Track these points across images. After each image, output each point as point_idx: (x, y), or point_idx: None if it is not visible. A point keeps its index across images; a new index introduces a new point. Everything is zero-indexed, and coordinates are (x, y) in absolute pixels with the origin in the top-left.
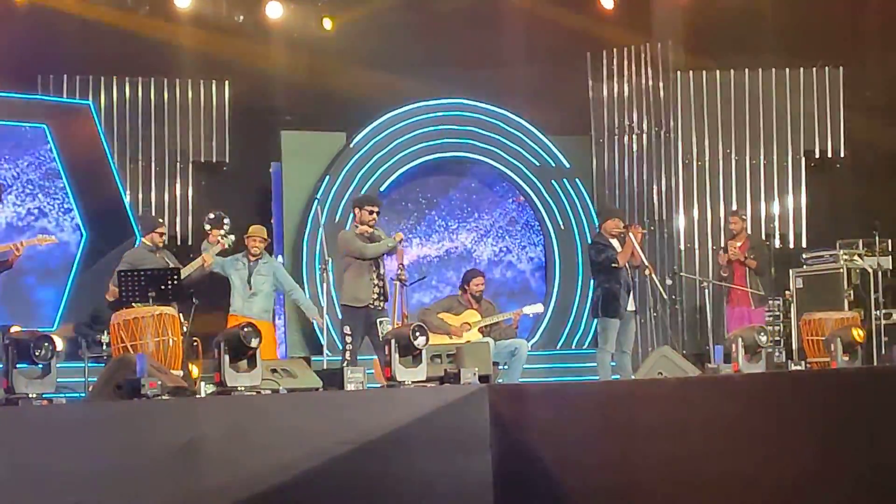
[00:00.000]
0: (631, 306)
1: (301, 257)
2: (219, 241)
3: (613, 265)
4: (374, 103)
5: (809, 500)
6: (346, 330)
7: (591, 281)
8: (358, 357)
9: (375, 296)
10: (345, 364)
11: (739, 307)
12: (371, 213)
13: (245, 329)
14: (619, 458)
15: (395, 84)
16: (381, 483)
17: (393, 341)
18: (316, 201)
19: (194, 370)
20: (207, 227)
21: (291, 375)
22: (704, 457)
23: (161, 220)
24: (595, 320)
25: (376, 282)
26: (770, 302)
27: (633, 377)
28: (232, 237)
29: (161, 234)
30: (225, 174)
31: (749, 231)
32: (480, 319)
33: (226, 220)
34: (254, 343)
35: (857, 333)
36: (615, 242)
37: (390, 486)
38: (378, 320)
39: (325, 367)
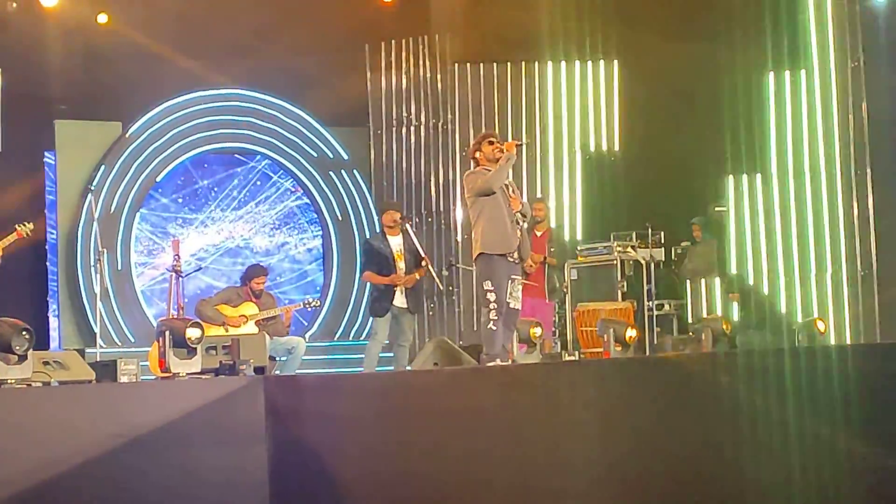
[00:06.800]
0: (401, 303)
1: (76, 248)
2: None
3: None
4: (150, 93)
5: (582, 487)
6: (488, 285)
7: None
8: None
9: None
10: (492, 326)
11: (532, 298)
12: (491, 143)
13: (10, 328)
14: (394, 449)
15: (172, 74)
16: (155, 476)
17: (167, 333)
18: (90, 191)
19: None
20: None
21: (64, 368)
22: (480, 446)
23: None
24: None
25: (517, 231)
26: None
27: (407, 368)
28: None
29: None
30: None
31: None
32: (258, 312)
33: None
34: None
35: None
36: (393, 240)
37: (164, 479)
38: (511, 277)
39: (98, 358)
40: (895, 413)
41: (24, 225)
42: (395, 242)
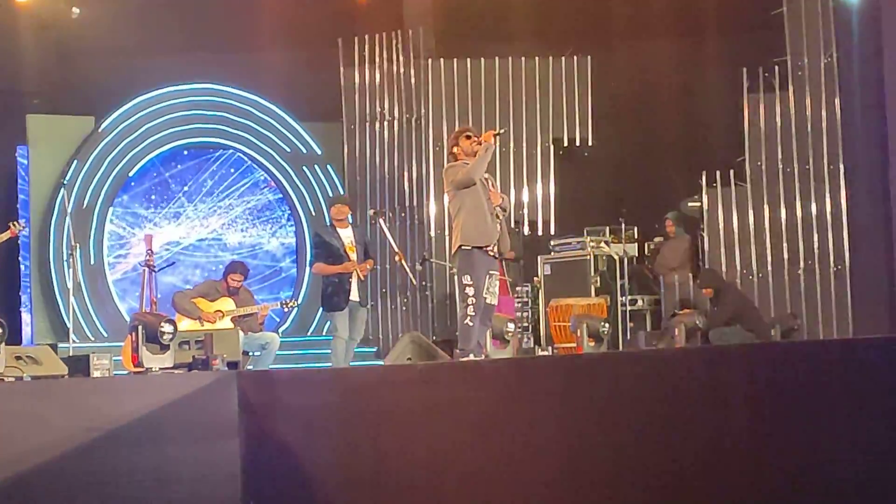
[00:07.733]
0: (355, 296)
1: (48, 243)
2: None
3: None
4: (123, 88)
5: (556, 483)
6: (466, 280)
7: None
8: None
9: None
10: (468, 322)
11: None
12: (469, 137)
13: None
14: (368, 444)
15: (145, 68)
16: (127, 470)
17: (140, 327)
18: (63, 186)
19: None
20: None
21: (36, 363)
22: (453, 441)
23: None
24: None
25: (496, 225)
26: (518, 288)
27: (380, 363)
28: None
29: None
30: None
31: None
32: (234, 309)
33: None
34: None
35: None
36: (343, 232)
37: (137, 474)
38: (489, 272)
39: (71, 353)
40: (874, 410)
41: (17, 224)
42: (346, 235)
